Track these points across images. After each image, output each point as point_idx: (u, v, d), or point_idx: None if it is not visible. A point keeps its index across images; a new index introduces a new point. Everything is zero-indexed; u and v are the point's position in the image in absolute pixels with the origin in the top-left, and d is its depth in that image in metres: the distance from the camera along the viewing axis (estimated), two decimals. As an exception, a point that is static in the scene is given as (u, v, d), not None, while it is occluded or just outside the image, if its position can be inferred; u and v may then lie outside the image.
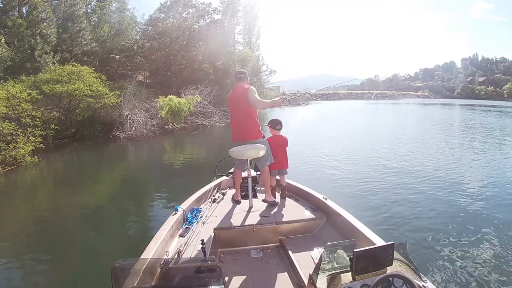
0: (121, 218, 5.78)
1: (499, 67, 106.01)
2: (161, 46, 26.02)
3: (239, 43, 34.52)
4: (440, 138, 13.98)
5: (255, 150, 3.42)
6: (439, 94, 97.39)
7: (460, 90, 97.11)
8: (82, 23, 21.70)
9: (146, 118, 16.57)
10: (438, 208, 5.44)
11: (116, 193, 7.53)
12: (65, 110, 15.02)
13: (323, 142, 12.83)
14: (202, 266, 1.67)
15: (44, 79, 14.07)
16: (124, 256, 1.70)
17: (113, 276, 1.57)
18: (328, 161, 9.14)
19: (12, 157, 9.55)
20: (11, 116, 10.60)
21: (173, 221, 3.02)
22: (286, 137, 4.03)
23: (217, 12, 29.69)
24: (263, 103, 3.64)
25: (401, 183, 6.89)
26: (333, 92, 72.93)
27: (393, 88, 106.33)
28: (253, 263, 2.81)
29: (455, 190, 6.40)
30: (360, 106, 47.00)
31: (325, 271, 1.84)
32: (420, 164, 8.59)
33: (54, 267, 4.08)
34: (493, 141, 13.20)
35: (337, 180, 7.24)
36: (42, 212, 6.11)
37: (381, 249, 1.73)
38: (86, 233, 5.21)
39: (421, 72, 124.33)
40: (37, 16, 18.72)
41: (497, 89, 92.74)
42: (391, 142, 12.53)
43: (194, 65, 25.64)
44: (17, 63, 17.58)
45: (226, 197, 4.00)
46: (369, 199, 5.91)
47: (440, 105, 49.91)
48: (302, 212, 3.42)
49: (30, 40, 18.01)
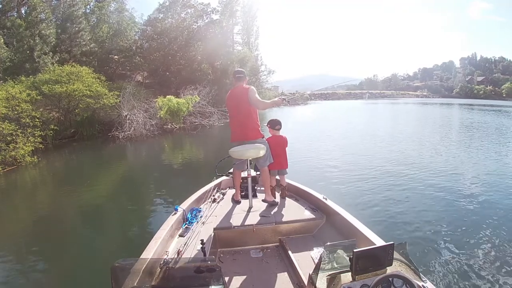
0: (121, 218, 5.79)
1: (498, 66, 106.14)
2: (159, 46, 26.05)
3: (238, 43, 34.62)
4: (440, 138, 13.97)
5: (255, 150, 3.42)
6: (438, 93, 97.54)
7: (459, 90, 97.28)
8: (81, 24, 21.72)
9: (145, 118, 16.65)
10: (438, 208, 5.44)
11: (116, 193, 7.55)
12: (64, 111, 15.10)
13: (323, 142, 12.88)
14: (202, 266, 1.68)
15: (43, 80, 14.15)
16: (124, 256, 1.71)
17: (113, 276, 1.58)
18: (328, 161, 9.16)
19: (12, 157, 9.63)
20: (11, 117, 10.67)
21: (173, 221, 3.02)
22: (286, 137, 4.04)
23: (216, 13, 29.78)
24: (264, 104, 3.66)
25: (401, 183, 6.89)
26: (332, 92, 72.99)
27: (392, 87, 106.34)
28: (253, 263, 2.81)
29: (455, 190, 6.40)
30: (359, 106, 47.02)
31: (325, 271, 1.85)
32: (420, 164, 8.58)
33: (54, 267, 4.09)
34: (493, 140, 13.25)
35: (337, 180, 7.24)
36: (42, 212, 6.14)
37: (381, 249, 1.73)
38: (86, 233, 5.21)
39: (419, 71, 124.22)
40: (36, 16, 18.70)
41: (495, 88, 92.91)
42: (391, 142, 12.54)
43: (193, 65, 25.69)
44: (16, 63, 17.60)
45: (226, 197, 4.00)
46: (369, 199, 5.91)
47: (439, 105, 49.93)
48: (302, 212, 3.42)
49: (29, 41, 18.02)
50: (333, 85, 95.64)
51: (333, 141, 13.26)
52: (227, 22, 30.76)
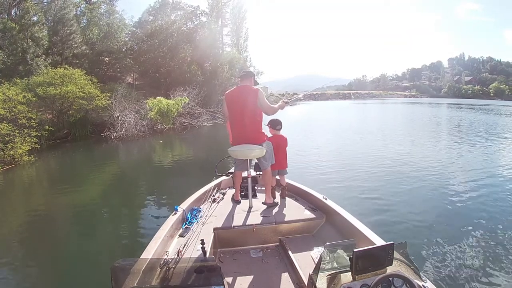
0: (120, 218, 5.87)
1: (486, 66, 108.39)
2: (150, 48, 26.31)
3: (227, 44, 34.98)
4: (440, 138, 13.97)
5: (255, 150, 3.38)
6: (426, 93, 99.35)
7: (447, 90, 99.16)
8: (72, 26, 21.87)
9: (136, 119, 17.35)
10: (438, 208, 5.45)
11: (116, 193, 7.59)
12: (57, 112, 15.58)
13: (323, 142, 13.08)
14: (202, 266, 1.70)
15: (37, 82, 14.63)
16: (124, 256, 1.74)
17: (113, 276, 1.59)
18: (328, 161, 9.20)
19: (10, 156, 10.13)
20: (8, 118, 11.14)
21: (173, 221, 3.01)
22: (286, 137, 4.02)
23: (205, 15, 30.29)
24: (273, 109, 3.52)
25: (401, 183, 6.91)
26: (321, 93, 73.93)
27: (380, 88, 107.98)
28: (253, 263, 2.81)
29: (455, 190, 6.37)
30: (348, 105, 47.39)
31: (325, 271, 1.86)
32: (420, 164, 8.57)
33: (53, 267, 4.07)
34: (493, 140, 13.35)
35: (337, 179, 7.25)
36: (42, 211, 6.18)
37: (381, 249, 1.74)
38: (86, 233, 5.20)
39: (408, 72, 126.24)
40: (29, 19, 19.01)
41: (483, 88, 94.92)
42: (391, 143, 12.55)
43: (183, 67, 26.03)
44: (9, 66, 17.91)
45: (226, 197, 3.98)
46: (369, 199, 5.91)
47: (428, 104, 50.30)
48: (301, 212, 3.42)
49: (22, 44, 18.33)
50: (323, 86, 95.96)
51: (332, 141, 13.41)
52: (216, 24, 31.27)
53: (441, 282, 3.27)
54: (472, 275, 3.40)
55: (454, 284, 3.27)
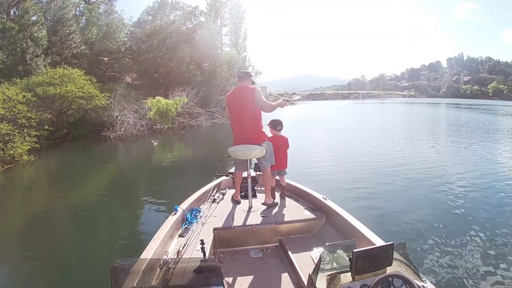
0: (120, 218, 5.85)
1: (485, 66, 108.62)
2: (148, 48, 26.37)
3: (226, 44, 35.05)
4: (439, 139, 13.95)
5: (256, 151, 3.39)
6: (425, 93, 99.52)
7: (446, 90, 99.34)
8: (71, 26, 21.86)
9: (135, 119, 17.39)
10: (438, 208, 5.46)
11: (115, 193, 7.57)
12: (57, 112, 15.61)
13: (322, 142, 13.05)
14: (201, 266, 1.70)
15: (37, 82, 14.66)
16: (124, 256, 1.75)
17: (112, 276, 1.59)
18: (328, 161, 9.22)
19: (10, 156, 10.18)
20: (8, 117, 11.18)
21: (173, 221, 3.01)
22: (287, 138, 4.01)
23: (204, 15, 30.42)
24: (271, 106, 3.51)
25: (401, 183, 6.93)
26: (320, 93, 74.08)
27: (379, 88, 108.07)
28: (253, 263, 2.82)
29: (455, 190, 6.36)
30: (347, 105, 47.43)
31: (324, 271, 1.86)
32: (420, 165, 8.60)
33: (53, 267, 4.07)
34: (492, 140, 13.40)
35: (336, 180, 7.27)
36: (41, 211, 6.18)
37: (381, 249, 1.74)
38: (86, 233, 5.19)
39: (407, 72, 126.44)
40: (29, 19, 19.01)
41: (482, 88, 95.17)
42: (390, 142, 12.63)
43: (182, 67, 26.06)
44: (9, 66, 17.92)
45: (225, 197, 3.97)
46: (369, 199, 5.93)
47: (426, 104, 50.34)
48: (301, 212, 3.42)
49: (22, 44, 18.33)
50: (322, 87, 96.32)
51: (332, 141, 13.45)
52: (215, 24, 31.33)
53: (441, 283, 3.29)
54: (471, 276, 3.42)
55: (454, 285, 3.29)
